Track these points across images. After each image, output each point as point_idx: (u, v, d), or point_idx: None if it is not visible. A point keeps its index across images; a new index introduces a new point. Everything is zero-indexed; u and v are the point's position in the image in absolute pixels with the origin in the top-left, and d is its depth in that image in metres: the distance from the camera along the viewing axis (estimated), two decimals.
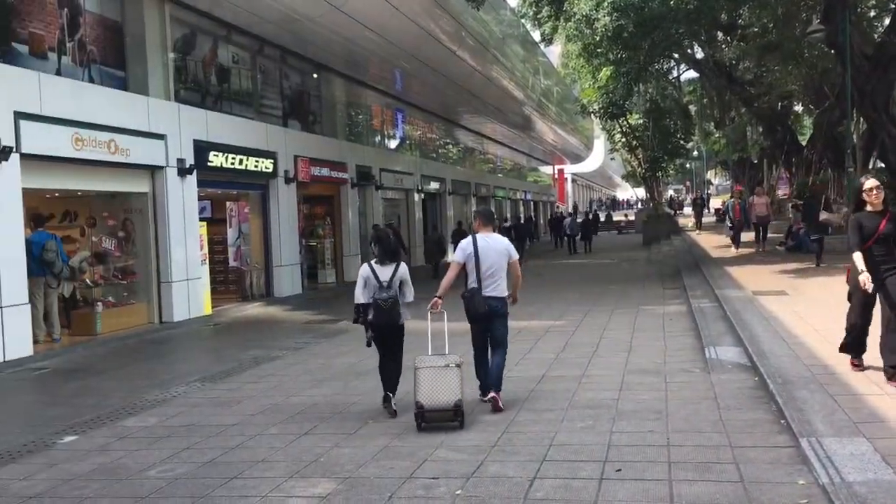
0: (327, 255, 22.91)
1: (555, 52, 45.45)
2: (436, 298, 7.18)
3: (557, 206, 58.41)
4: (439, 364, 6.75)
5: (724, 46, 28.12)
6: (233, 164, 17.12)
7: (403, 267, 7.34)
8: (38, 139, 11.60)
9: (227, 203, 18.13)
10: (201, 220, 16.33)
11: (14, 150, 11.06)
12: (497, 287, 7.17)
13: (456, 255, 7.38)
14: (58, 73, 13.12)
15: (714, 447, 5.79)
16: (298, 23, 17.90)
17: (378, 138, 28.86)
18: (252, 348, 11.94)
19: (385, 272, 7.23)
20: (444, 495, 5.10)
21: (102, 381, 9.91)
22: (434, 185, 32.07)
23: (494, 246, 7.22)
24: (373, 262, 7.34)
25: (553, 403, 7.40)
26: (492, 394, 7.22)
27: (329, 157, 22.12)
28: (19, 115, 11.26)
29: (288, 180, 19.51)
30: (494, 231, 7.59)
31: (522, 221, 41.12)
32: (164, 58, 15.77)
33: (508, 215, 45.10)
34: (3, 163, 10.87)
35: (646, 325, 11.89)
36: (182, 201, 15.22)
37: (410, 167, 29.55)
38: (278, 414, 7.63)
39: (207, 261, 16.49)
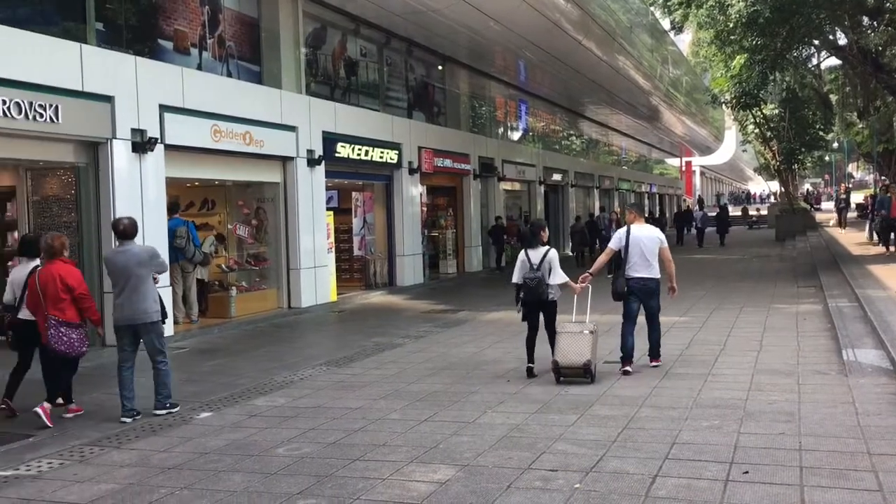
0: (449, 245, 23.15)
1: (685, 41, 44.05)
2: (587, 273, 8.64)
3: (684, 200, 56.70)
4: (576, 330, 8.12)
5: (869, 32, 26.45)
6: (359, 154, 17.55)
7: (553, 252, 8.45)
8: (181, 131, 12.27)
9: (353, 193, 18.60)
10: (328, 209, 16.83)
11: (159, 140, 11.75)
12: (650, 269, 8.41)
13: (611, 243, 8.74)
14: (199, 67, 13.81)
15: (850, 453, 5.49)
16: (425, 15, 18.12)
17: (501, 129, 28.85)
18: (375, 335, 12.22)
19: (536, 256, 8.41)
20: (563, 488, 5.07)
21: (235, 362, 10.40)
22: (556, 177, 31.79)
23: (647, 234, 8.52)
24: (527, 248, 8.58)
25: (676, 401, 7.21)
26: (653, 363, 8.69)
27: (452, 149, 22.32)
28: (164, 108, 11.95)
29: (412, 171, 19.82)
30: (645, 222, 8.83)
31: (656, 216, 40.19)
32: (297, 52, 16.33)
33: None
34: (149, 153, 11.57)
35: (778, 324, 11.38)
36: (311, 191, 15.74)
37: (533, 159, 29.40)
38: (400, 400, 7.79)
39: (333, 249, 17.00)
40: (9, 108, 9.35)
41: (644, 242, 8.43)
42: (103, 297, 10.62)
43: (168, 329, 11.87)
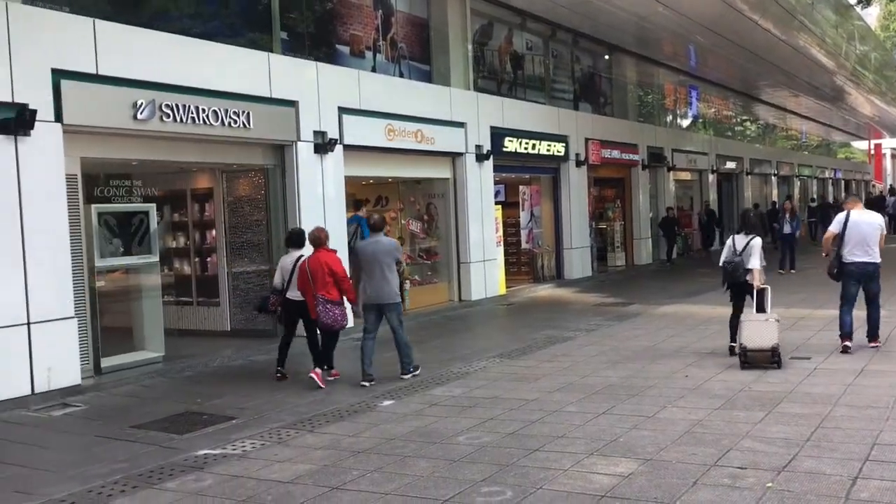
0: (617, 238, 22.76)
1: (872, 14, 40.79)
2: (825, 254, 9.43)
3: (873, 185, 52.57)
4: (762, 318, 8.42)
5: None
6: (526, 148, 17.61)
7: (756, 240, 8.89)
8: (357, 131, 12.83)
9: (520, 187, 18.69)
10: (496, 203, 17.02)
11: (338, 141, 12.35)
12: (868, 254, 8.80)
13: (831, 226, 9.18)
14: (373, 69, 14.37)
15: None
16: (591, 4, 17.89)
17: (670, 118, 27.98)
18: (545, 328, 12.25)
19: (741, 242, 8.93)
20: (754, 486, 4.90)
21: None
22: (730, 165, 30.42)
23: (867, 220, 8.97)
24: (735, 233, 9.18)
25: (875, 399, 6.77)
26: (872, 343, 9.03)
27: (620, 139, 21.91)
28: (342, 110, 12.54)
29: (579, 163, 19.65)
30: (864, 208, 9.38)
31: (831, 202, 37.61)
32: (465, 49, 16.62)
33: (815, 195, 41.39)
34: (330, 153, 12.18)
35: None
36: (479, 186, 15.98)
37: (704, 146, 28.30)
38: (575, 392, 7.79)
39: (502, 243, 17.18)
40: (208, 117, 10.15)
41: (863, 228, 8.85)
42: None
43: (350, 321, 12.51)
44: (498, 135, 16.53)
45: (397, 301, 8.89)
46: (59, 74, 8.58)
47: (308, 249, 8.94)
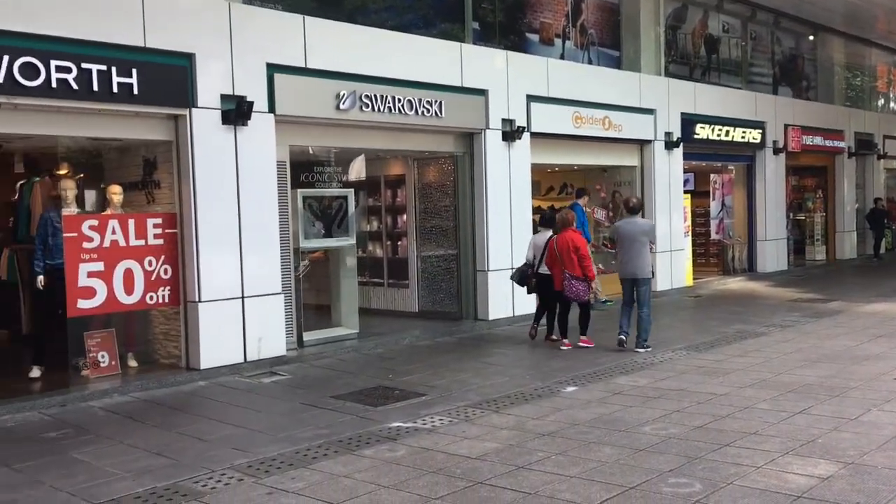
0: (817, 230, 21.37)
1: None
2: None
3: None
4: None
5: None
6: (718, 135, 16.92)
7: None
8: (545, 119, 12.90)
9: (711, 175, 17.99)
10: (685, 192, 16.50)
11: (526, 129, 12.48)
12: None
13: None
14: (561, 57, 14.36)
15: None
16: None
17: (882, 101, 25.79)
18: (735, 322, 11.79)
19: None
20: None
21: (595, 341, 10.70)
22: None
23: None
24: None
25: None
26: None
27: (823, 125, 20.51)
28: (530, 98, 12.65)
29: (776, 151, 18.62)
30: None
31: None
32: (656, 34, 16.20)
33: None
34: (517, 141, 12.35)
35: None
36: (668, 174, 15.57)
37: None
38: (768, 389, 7.49)
39: (690, 233, 16.64)
40: (403, 106, 10.61)
41: None
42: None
43: (531, 306, 12.66)
44: (689, 121, 16.01)
45: (649, 277, 9.87)
46: (272, 68, 9.31)
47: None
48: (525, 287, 10.83)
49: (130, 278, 8.48)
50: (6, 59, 7.19)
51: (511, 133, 12.25)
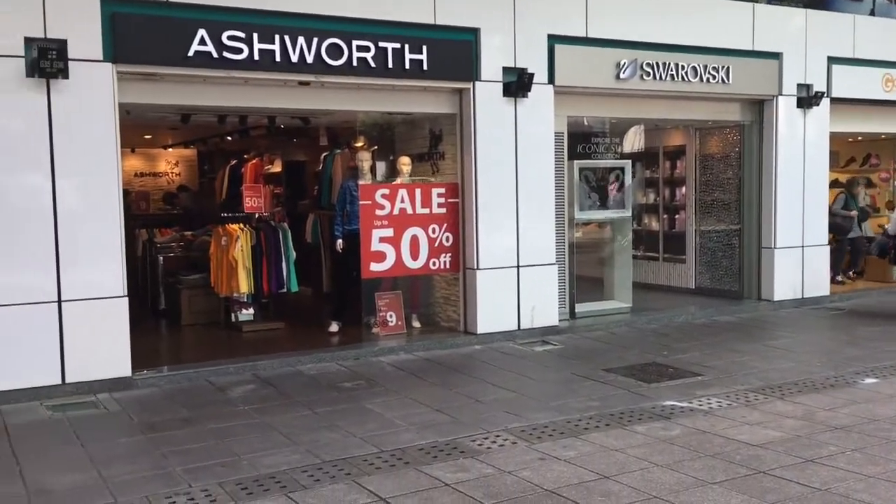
0: None
1: None
2: None
3: None
4: None
5: None
6: None
7: None
8: (848, 82, 11.66)
9: None
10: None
11: (825, 94, 11.38)
12: None
13: None
14: (871, 13, 12.86)
15: None
16: None
17: None
18: None
19: None
20: None
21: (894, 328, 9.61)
22: None
23: None
24: None
25: None
26: None
27: None
28: (832, 60, 11.51)
29: None
30: None
31: None
32: None
33: None
34: (814, 108, 11.30)
35: None
36: None
37: None
38: None
39: None
40: (686, 73, 10.14)
41: None
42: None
43: (824, 289, 11.65)
44: None
45: None
46: (553, 39, 9.33)
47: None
48: (886, 258, 11.22)
49: (416, 244, 9.03)
50: (315, 40, 7.91)
51: (807, 99, 11.24)
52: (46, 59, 6.62)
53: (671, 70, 10.04)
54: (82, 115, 6.99)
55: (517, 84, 8.97)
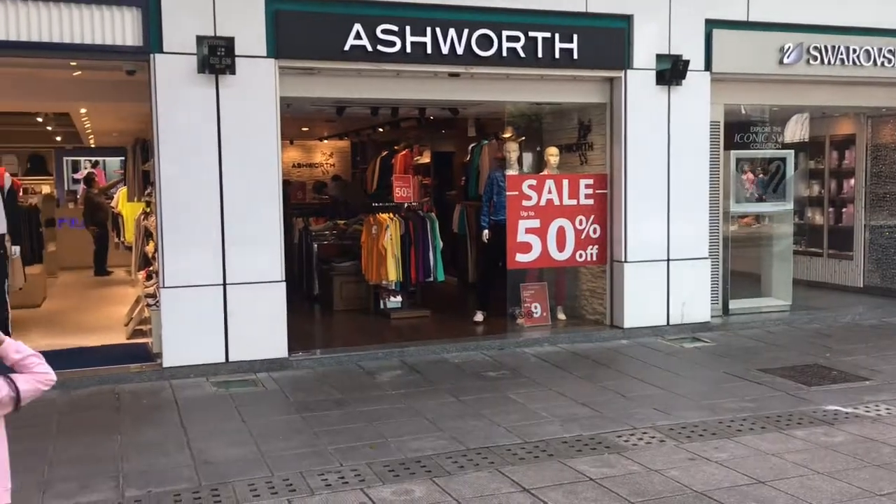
0: None
1: None
2: None
3: None
4: None
5: None
6: None
7: None
8: None
9: None
10: None
11: None
12: None
13: None
14: None
15: None
16: None
17: None
18: None
19: None
20: None
21: None
22: None
23: None
24: None
25: None
26: None
27: None
28: None
29: None
30: None
31: None
32: None
33: None
34: None
35: None
36: None
37: None
38: None
39: None
40: (858, 57, 9.45)
41: None
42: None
43: None
44: None
45: None
46: (711, 24, 8.94)
47: None
48: None
49: (563, 236, 8.94)
50: (466, 32, 7.97)
51: None
52: (216, 56, 7.04)
53: (841, 54, 9.41)
54: (247, 108, 7.39)
55: (671, 71, 8.68)
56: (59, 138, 17.33)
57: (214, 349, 7.37)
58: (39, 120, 14.27)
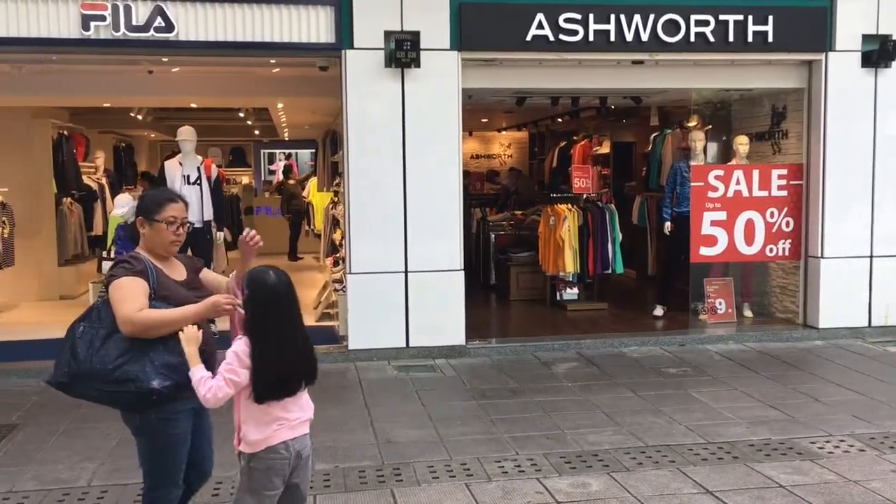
0: None
1: None
2: None
3: None
4: None
5: None
6: None
7: None
8: None
9: None
10: None
11: None
12: None
13: None
14: None
15: None
16: None
17: None
18: None
19: None
20: None
21: None
22: None
23: None
24: None
25: None
26: None
27: None
28: None
29: None
30: None
31: None
32: None
33: None
34: None
35: None
36: None
37: None
38: None
39: None
40: None
41: None
42: None
43: None
44: None
45: None
46: None
47: None
48: None
49: (751, 229, 8.49)
50: (651, 17, 7.72)
51: None
52: (402, 50, 7.26)
53: None
54: (430, 100, 7.57)
55: (879, 53, 8.00)
56: (257, 132, 18.51)
57: (396, 334, 7.63)
58: (241, 115, 15.31)
